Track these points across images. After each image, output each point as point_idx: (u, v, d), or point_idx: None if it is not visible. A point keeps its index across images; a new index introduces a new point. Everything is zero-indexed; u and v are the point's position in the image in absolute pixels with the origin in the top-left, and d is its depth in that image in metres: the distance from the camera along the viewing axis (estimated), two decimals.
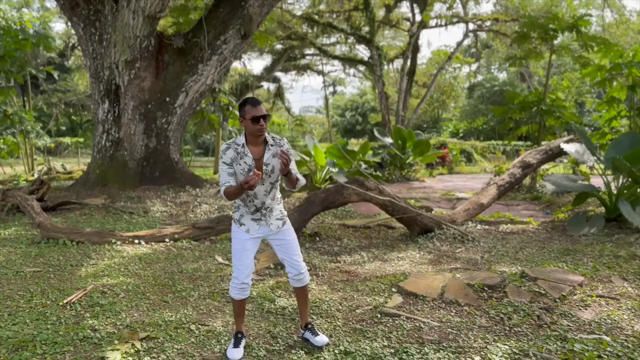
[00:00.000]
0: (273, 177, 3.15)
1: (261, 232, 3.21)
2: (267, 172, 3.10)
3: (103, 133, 9.96)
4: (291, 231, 3.30)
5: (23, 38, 14.51)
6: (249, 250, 3.18)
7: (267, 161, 3.09)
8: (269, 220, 3.21)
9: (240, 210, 3.24)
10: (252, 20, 10.08)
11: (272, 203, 3.21)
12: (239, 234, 3.21)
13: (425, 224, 6.73)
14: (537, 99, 12.09)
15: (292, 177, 3.05)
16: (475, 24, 28.99)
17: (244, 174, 3.06)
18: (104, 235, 6.03)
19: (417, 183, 15.35)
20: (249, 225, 3.19)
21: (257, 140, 3.09)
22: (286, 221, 3.30)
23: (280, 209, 3.30)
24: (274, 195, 3.22)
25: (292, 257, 3.25)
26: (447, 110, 45.09)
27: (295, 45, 29.99)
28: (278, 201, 3.29)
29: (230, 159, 3.09)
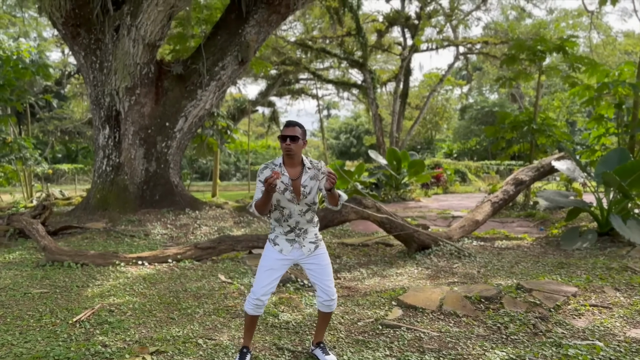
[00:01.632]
0: (309, 199, 3.21)
1: (293, 254, 3.26)
2: (304, 193, 3.18)
3: (104, 158, 10.13)
4: (325, 256, 3.34)
5: (22, 67, 14.77)
6: (275, 270, 3.24)
7: (305, 183, 3.18)
8: (303, 242, 3.26)
9: (276, 231, 3.32)
10: (249, 46, 10.37)
11: (307, 225, 3.26)
12: (270, 252, 3.29)
13: (422, 241, 6.88)
14: (527, 119, 12.39)
15: (335, 193, 3.14)
16: (466, 47, 29.63)
17: (280, 193, 3.16)
18: (108, 257, 6.14)
19: (413, 203, 15.53)
20: (282, 245, 3.26)
21: (292, 160, 3.18)
22: (320, 245, 3.34)
23: (316, 233, 3.35)
24: (310, 217, 3.27)
25: (325, 283, 3.29)
26: (440, 132, 45.59)
27: (289, 70, 30.46)
28: (314, 224, 3.34)
29: (266, 178, 3.10)
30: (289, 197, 3.21)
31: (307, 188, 3.23)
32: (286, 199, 3.22)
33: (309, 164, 3.28)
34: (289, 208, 3.24)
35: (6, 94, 14.57)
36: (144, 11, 9.19)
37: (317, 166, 3.29)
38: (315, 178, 3.25)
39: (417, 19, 26.75)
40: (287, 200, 3.22)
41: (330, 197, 3.19)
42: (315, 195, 3.29)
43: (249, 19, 10.30)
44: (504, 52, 27.65)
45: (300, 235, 3.30)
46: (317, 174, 3.26)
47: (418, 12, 26.96)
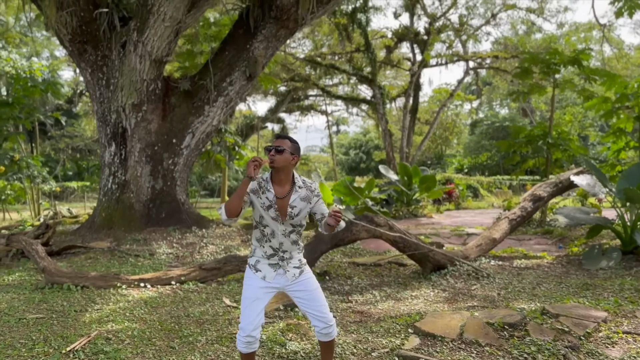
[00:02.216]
0: (296, 220, 2.98)
1: (278, 281, 2.99)
2: (291, 214, 2.94)
3: (109, 176, 9.95)
4: (312, 280, 3.06)
5: (32, 85, 14.77)
6: (260, 300, 2.96)
7: (294, 203, 2.94)
8: (287, 267, 3.01)
9: (256, 254, 3.06)
10: (257, 62, 10.21)
11: (291, 247, 3.01)
12: (252, 280, 3.01)
13: (437, 261, 6.56)
14: (542, 133, 12.07)
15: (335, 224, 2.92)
16: (475, 62, 29.44)
17: (264, 209, 2.93)
18: (109, 279, 5.89)
19: (425, 219, 15.18)
20: (265, 271, 2.99)
21: (279, 176, 2.94)
22: (304, 270, 3.07)
23: (300, 258, 3.09)
24: (295, 239, 3.02)
25: (317, 309, 3.00)
26: (450, 147, 45.27)
27: (298, 87, 30.45)
28: (299, 248, 3.08)
29: (251, 189, 2.95)
30: (273, 215, 2.95)
31: (296, 209, 2.96)
32: (270, 217, 2.96)
33: (300, 182, 3.02)
34: (271, 227, 2.97)
35: (15, 112, 14.56)
36: (151, 27, 9.07)
37: (310, 187, 3.02)
38: (307, 200, 2.99)
39: (426, 35, 26.63)
40: (271, 218, 2.96)
41: (329, 226, 2.93)
42: (303, 218, 3.02)
43: (257, 34, 10.15)
44: (515, 66, 27.44)
45: (285, 260, 3.02)
46: (309, 195, 3.00)
47: (427, 27, 26.85)
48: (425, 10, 26.92)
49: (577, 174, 8.78)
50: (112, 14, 9.54)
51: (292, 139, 3.03)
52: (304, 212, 2.98)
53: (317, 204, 3.02)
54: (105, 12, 9.54)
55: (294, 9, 9.83)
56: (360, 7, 25.47)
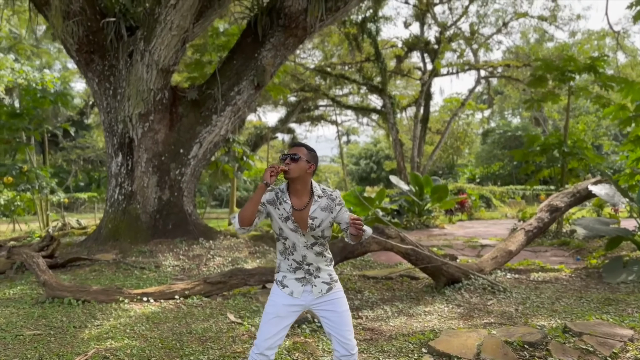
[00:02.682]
0: (317, 232, 2.78)
1: (305, 298, 2.79)
2: (312, 226, 2.75)
3: (116, 187, 9.82)
4: (343, 300, 2.85)
5: (41, 96, 14.78)
6: (282, 318, 2.77)
7: (314, 214, 2.75)
8: (314, 281, 2.80)
9: (282, 269, 2.87)
10: (265, 71, 10.07)
11: (316, 260, 2.81)
12: (277, 297, 2.82)
13: (451, 274, 6.30)
14: (557, 141, 11.77)
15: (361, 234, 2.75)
16: (487, 71, 29.17)
17: (282, 220, 2.76)
18: (111, 293, 5.71)
19: (437, 230, 14.88)
20: (292, 286, 2.80)
21: (295, 187, 2.77)
22: (334, 287, 2.85)
23: (330, 272, 2.88)
24: (319, 251, 2.82)
25: (342, 334, 2.79)
26: (461, 156, 44.85)
27: (308, 97, 30.38)
28: (326, 261, 2.87)
29: (267, 200, 2.78)
30: (292, 227, 2.77)
31: (317, 220, 2.77)
32: (289, 229, 2.78)
33: (320, 192, 2.82)
34: (292, 239, 2.79)
35: (24, 123, 14.56)
36: (158, 36, 8.97)
37: (332, 195, 2.82)
38: (328, 209, 2.79)
39: (437, 44, 26.45)
40: (290, 230, 2.77)
41: (355, 237, 2.75)
42: (327, 229, 2.82)
43: (265, 43, 10.02)
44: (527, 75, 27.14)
45: (312, 273, 2.81)
46: (330, 205, 2.80)
47: (438, 36, 26.67)
48: (435, 19, 26.76)
49: (595, 184, 8.48)
50: (119, 24, 9.46)
51: (309, 147, 2.85)
52: (326, 223, 2.79)
53: (340, 213, 2.82)
54: (112, 22, 9.47)
55: (303, 17, 9.69)
56: (370, 17, 25.41)
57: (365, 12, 25.21)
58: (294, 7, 9.50)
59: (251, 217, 2.68)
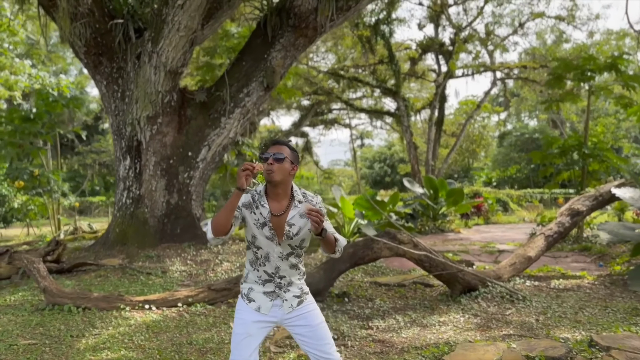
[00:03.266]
0: (295, 241, 2.53)
1: (274, 314, 2.55)
2: (289, 234, 2.50)
3: (124, 190, 9.68)
4: (316, 313, 2.60)
5: (53, 100, 14.77)
6: (253, 337, 2.52)
7: (292, 220, 2.50)
8: (284, 295, 2.55)
9: (249, 279, 2.60)
10: (274, 72, 9.87)
11: (289, 272, 2.57)
12: (244, 313, 2.55)
13: (467, 282, 5.99)
14: (577, 143, 11.36)
15: (329, 236, 2.44)
16: (503, 73, 28.69)
17: (257, 226, 2.49)
18: (112, 301, 5.51)
19: (453, 234, 14.51)
20: (259, 301, 2.54)
21: (275, 190, 2.51)
22: (305, 299, 2.61)
23: (301, 286, 2.63)
24: (294, 262, 2.57)
25: (321, 349, 2.53)
26: (477, 160, 44.26)
27: (321, 100, 30.20)
28: (299, 273, 2.62)
29: (243, 203, 2.51)
30: (268, 234, 2.50)
31: (295, 227, 2.51)
32: (264, 236, 2.50)
33: (300, 196, 2.56)
34: (265, 248, 2.52)
35: (37, 127, 14.56)
36: (165, 37, 8.83)
37: (312, 201, 2.56)
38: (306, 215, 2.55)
39: (451, 45, 26.07)
40: (265, 237, 2.50)
41: (324, 244, 2.46)
42: (305, 238, 2.55)
43: (274, 43, 9.82)
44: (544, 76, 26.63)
45: (282, 287, 2.55)
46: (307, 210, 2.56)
47: (452, 38, 26.30)
48: (450, 20, 26.40)
49: (619, 186, 8.10)
50: (127, 25, 9.34)
51: (291, 146, 2.59)
52: (304, 231, 2.53)
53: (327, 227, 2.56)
54: (120, 23, 9.35)
55: (313, 17, 9.47)
56: (384, 19, 25.17)
57: (379, 15, 24.99)
58: (303, 6, 9.29)
59: (226, 225, 2.41)
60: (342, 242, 2.53)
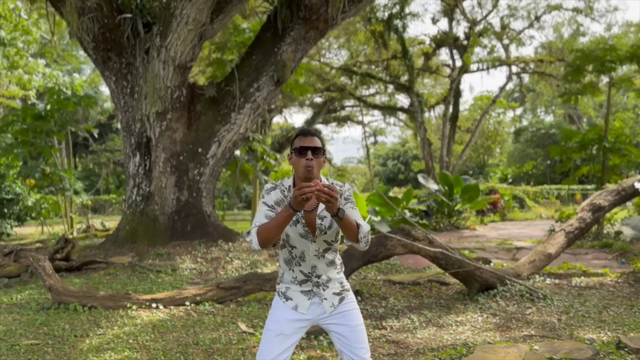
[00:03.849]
0: (330, 236, 2.35)
1: (312, 312, 2.38)
2: (322, 228, 2.32)
3: (134, 187, 9.58)
4: (356, 312, 2.44)
5: (64, 98, 14.75)
6: (287, 336, 2.35)
7: (323, 213, 2.33)
8: (323, 294, 2.38)
9: (285, 279, 2.44)
10: (285, 66, 9.68)
11: (327, 270, 2.40)
12: (279, 310, 2.40)
13: (485, 280, 5.75)
14: (597, 137, 11.01)
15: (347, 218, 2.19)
16: (519, 67, 28.18)
17: (290, 224, 2.30)
18: (119, 299, 5.38)
19: (468, 231, 14.22)
20: (297, 300, 2.38)
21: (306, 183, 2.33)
22: (346, 297, 2.44)
23: (341, 280, 2.46)
24: (330, 259, 2.40)
25: (356, 352, 2.37)
26: (492, 156, 43.68)
27: (334, 97, 29.98)
28: (337, 268, 2.45)
29: (274, 202, 2.34)
30: (301, 232, 2.32)
31: (327, 220, 2.32)
32: (298, 234, 2.33)
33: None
34: (300, 247, 2.34)
35: (49, 125, 14.56)
36: (174, 31, 8.68)
37: (340, 189, 2.36)
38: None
39: (466, 39, 25.65)
40: (299, 235, 2.33)
41: (344, 228, 2.23)
42: (337, 230, 2.36)
43: (285, 37, 9.63)
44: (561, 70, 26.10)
45: (320, 285, 2.38)
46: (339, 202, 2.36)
47: (467, 32, 25.87)
48: (464, 14, 25.97)
49: None
50: (135, 20, 9.21)
51: (320, 136, 2.47)
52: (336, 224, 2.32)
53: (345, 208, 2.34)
54: (128, 18, 9.23)
55: (324, 9, 9.26)
56: (397, 14, 24.88)
57: (392, 9, 24.71)
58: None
59: (276, 239, 2.25)
60: (365, 229, 2.31)
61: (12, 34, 20.90)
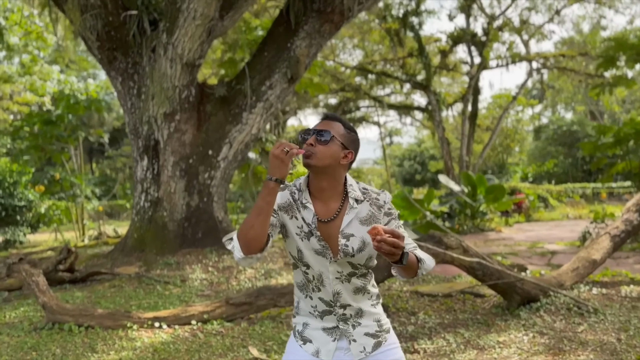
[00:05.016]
0: (358, 259, 1.77)
1: (339, 357, 1.80)
2: (347, 251, 1.73)
3: (142, 193, 9.10)
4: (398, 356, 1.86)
5: (74, 102, 14.42)
6: None
7: (349, 230, 1.74)
8: (352, 332, 1.80)
9: (301, 310, 1.86)
10: (299, 62, 9.13)
11: (356, 299, 1.81)
12: (294, 356, 1.84)
13: (527, 292, 5.11)
14: (635, 130, 10.26)
15: (412, 259, 1.66)
16: (539, 63, 27.32)
17: (301, 237, 1.74)
18: (118, 318, 4.86)
19: (494, 234, 13.50)
20: (319, 342, 1.80)
21: (319, 183, 1.76)
22: (385, 341, 1.85)
23: (378, 317, 1.86)
24: (359, 286, 1.81)
25: None
26: (512, 155, 42.70)
27: (349, 98, 29.50)
28: (372, 301, 1.86)
29: (280, 205, 1.77)
30: (317, 248, 1.72)
31: (355, 241, 1.73)
32: (312, 250, 1.73)
33: (359, 193, 1.78)
34: (317, 267, 1.75)
35: (59, 130, 14.22)
36: (181, 26, 8.19)
37: (377, 200, 1.78)
38: (372, 220, 1.76)
39: (484, 35, 24.89)
40: (315, 252, 1.73)
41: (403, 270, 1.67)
42: (372, 255, 1.77)
43: (298, 31, 9.08)
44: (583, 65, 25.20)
45: (349, 320, 1.78)
46: (374, 215, 1.76)
47: (485, 27, 25.12)
48: (482, 9, 25.21)
49: None
50: (141, 17, 8.74)
51: (348, 124, 1.82)
52: (370, 246, 1.71)
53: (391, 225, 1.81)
54: (134, 15, 8.76)
55: (339, 0, 8.70)
56: (412, 11, 24.33)
57: (407, 7, 24.17)
58: None
59: (260, 237, 1.66)
60: (428, 265, 1.78)
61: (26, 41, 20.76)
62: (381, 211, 1.78)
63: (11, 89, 22.76)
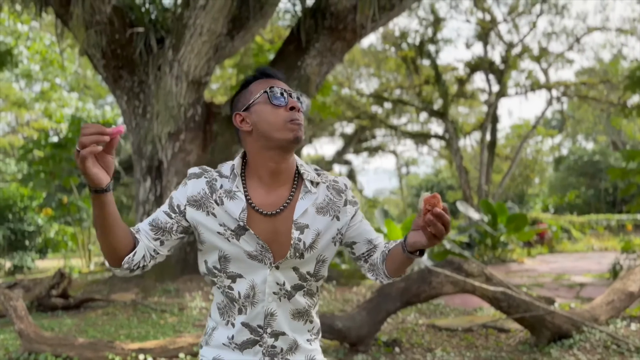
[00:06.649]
0: (307, 261, 1.31)
1: None
2: (298, 246, 1.27)
3: (143, 215, 8.71)
4: None
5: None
6: None
7: (303, 219, 1.29)
8: None
9: (214, 339, 1.38)
10: (309, 80, 8.80)
11: (294, 326, 1.35)
12: None
13: (558, 326, 4.51)
14: None
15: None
16: (559, 91, 26.82)
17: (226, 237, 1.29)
18: (100, 348, 4.37)
19: (516, 265, 12.79)
20: None
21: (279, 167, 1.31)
22: None
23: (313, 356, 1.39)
24: (301, 307, 1.35)
25: None
26: (531, 186, 41.85)
27: (365, 126, 29.31)
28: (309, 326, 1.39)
29: (189, 198, 1.31)
30: (251, 250, 1.27)
31: (309, 233, 1.28)
32: (243, 254, 1.28)
33: (313, 175, 1.34)
34: (248, 277, 1.29)
35: (68, 154, 14.05)
36: (187, 43, 7.93)
37: (336, 184, 1.36)
38: (332, 211, 1.32)
39: (502, 62, 24.56)
40: (248, 256, 1.28)
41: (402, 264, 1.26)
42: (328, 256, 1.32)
43: (309, 49, 8.76)
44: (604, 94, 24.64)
45: (277, 356, 1.32)
46: (334, 202, 1.33)
47: (504, 55, 24.80)
48: (500, 37, 24.94)
49: None
50: (148, 35, 8.52)
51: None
52: (325, 240, 1.30)
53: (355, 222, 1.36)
54: (141, 33, 8.55)
55: (352, 17, 8.38)
56: (429, 39, 24.26)
57: (424, 35, 24.13)
58: (341, 4, 8.23)
59: (117, 251, 1.31)
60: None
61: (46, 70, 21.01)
62: (342, 197, 1.34)
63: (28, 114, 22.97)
